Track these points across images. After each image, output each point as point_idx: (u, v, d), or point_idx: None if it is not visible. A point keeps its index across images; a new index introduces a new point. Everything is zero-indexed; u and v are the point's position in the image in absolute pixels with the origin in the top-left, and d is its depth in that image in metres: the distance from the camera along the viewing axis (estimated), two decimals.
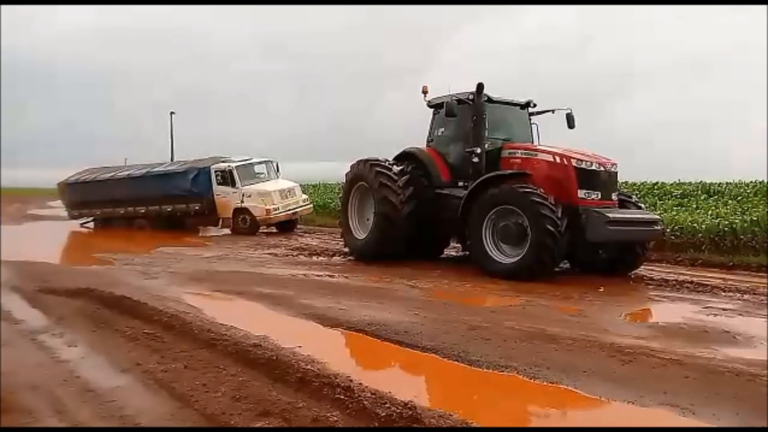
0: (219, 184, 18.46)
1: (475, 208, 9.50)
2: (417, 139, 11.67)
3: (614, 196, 9.70)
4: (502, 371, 4.59)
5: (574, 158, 9.38)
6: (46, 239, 18.05)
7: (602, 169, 9.49)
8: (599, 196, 9.35)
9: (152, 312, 6.32)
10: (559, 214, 8.70)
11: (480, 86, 10.08)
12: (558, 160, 9.52)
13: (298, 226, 19.45)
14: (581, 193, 9.22)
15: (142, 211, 19.66)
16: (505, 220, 9.20)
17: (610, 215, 8.99)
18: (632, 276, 9.62)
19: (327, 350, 5.06)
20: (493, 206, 9.29)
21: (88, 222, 21.66)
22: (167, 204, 19.02)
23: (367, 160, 11.09)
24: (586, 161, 9.41)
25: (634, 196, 10.86)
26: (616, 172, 9.83)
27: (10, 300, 7.53)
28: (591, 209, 9.04)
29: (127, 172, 20.74)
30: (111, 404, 3.88)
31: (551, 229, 8.56)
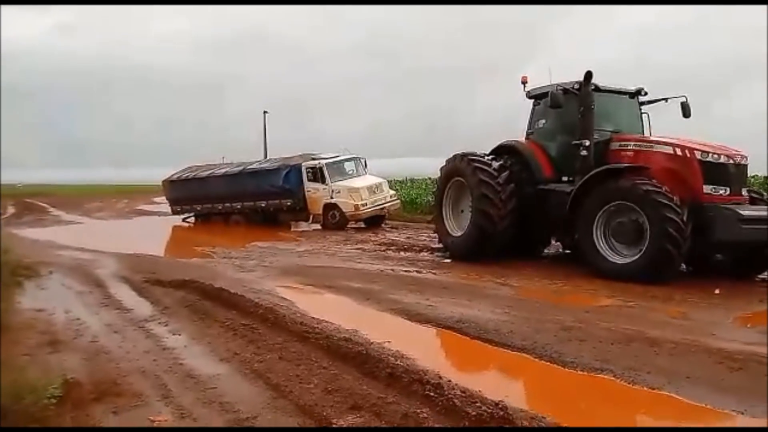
0: (309, 180, 18.95)
1: (586, 203, 8.95)
2: (503, 135, 11.34)
3: (744, 192, 8.92)
4: (599, 374, 4.42)
5: (697, 150, 8.69)
6: (152, 233, 19.26)
7: (730, 161, 8.70)
8: (727, 192, 8.60)
9: (248, 304, 6.60)
10: (685, 217, 8.06)
11: (588, 74, 9.42)
12: (679, 152, 8.84)
13: (386, 222, 19.61)
14: (707, 188, 8.53)
15: (238, 206, 20.54)
16: (619, 216, 8.64)
17: (744, 213, 8.24)
18: (745, 278, 8.89)
19: (415, 346, 5.05)
20: (607, 202, 8.73)
21: (189, 217, 22.91)
22: (261, 200, 19.78)
23: (464, 155, 10.67)
24: (713, 153, 8.66)
25: (765, 193, 9.75)
26: (746, 165, 8.98)
27: (120, 290, 8.11)
28: (720, 206, 8.35)
29: (224, 170, 21.72)
30: (212, 391, 4.08)
31: (675, 234, 7.95)
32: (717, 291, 7.70)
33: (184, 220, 22.91)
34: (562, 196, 9.49)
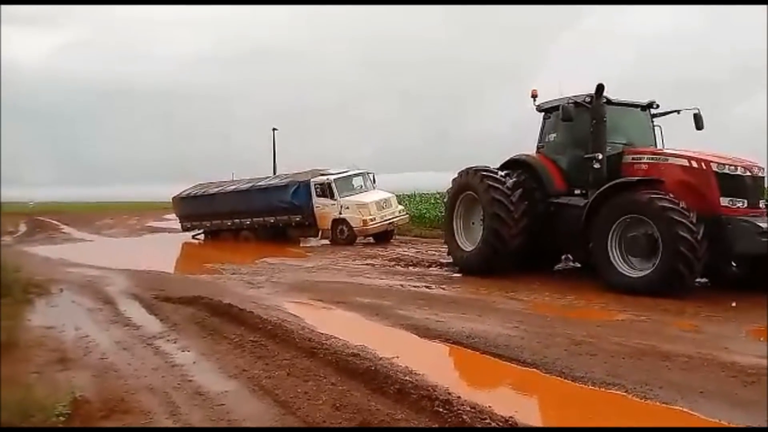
0: (318, 196, 19.03)
1: (599, 216, 8.91)
2: (512, 149, 11.31)
3: (762, 204, 8.81)
4: (609, 389, 4.36)
5: (714, 162, 8.62)
6: (162, 250, 19.34)
7: (748, 173, 8.64)
8: (745, 204, 8.51)
9: (257, 320, 6.60)
10: (699, 235, 7.99)
11: (600, 87, 9.43)
12: (695, 164, 8.76)
13: (395, 237, 19.61)
14: (724, 201, 8.45)
15: (248, 222, 20.65)
16: (633, 230, 8.58)
17: (763, 225, 8.17)
18: (760, 291, 8.78)
19: (425, 362, 5.02)
20: (622, 215, 8.68)
21: (199, 234, 23.01)
22: (270, 216, 19.87)
23: (477, 170, 10.64)
24: (729, 165, 8.60)
25: None
26: (763, 177, 8.92)
27: (130, 307, 8.13)
28: (738, 218, 8.28)
29: (233, 187, 21.87)
30: (220, 408, 4.07)
31: (688, 254, 7.88)
32: (734, 304, 7.60)
33: (194, 236, 23.02)
34: (576, 210, 9.44)
